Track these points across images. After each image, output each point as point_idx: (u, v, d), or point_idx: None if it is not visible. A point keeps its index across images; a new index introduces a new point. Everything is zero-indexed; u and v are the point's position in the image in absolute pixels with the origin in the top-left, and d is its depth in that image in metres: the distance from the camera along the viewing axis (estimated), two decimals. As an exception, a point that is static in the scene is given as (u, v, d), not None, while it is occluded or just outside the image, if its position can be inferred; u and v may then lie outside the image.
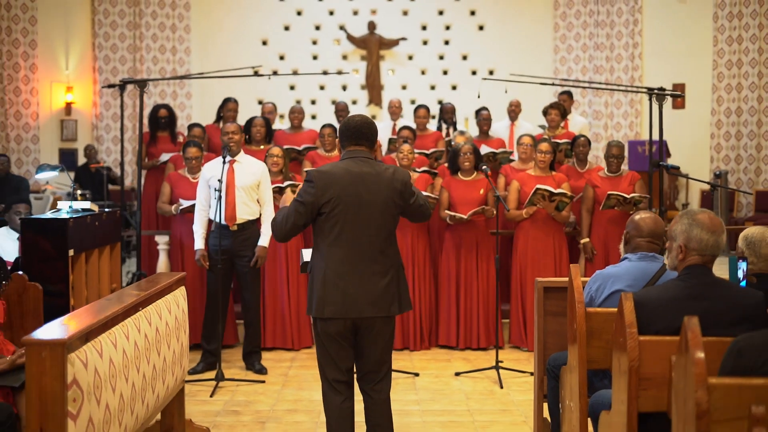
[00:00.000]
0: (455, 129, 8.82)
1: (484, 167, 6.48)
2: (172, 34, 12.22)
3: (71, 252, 5.68)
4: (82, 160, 11.45)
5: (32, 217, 6.03)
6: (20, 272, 4.96)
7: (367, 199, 3.90)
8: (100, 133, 12.01)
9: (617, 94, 12.03)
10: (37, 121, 11.71)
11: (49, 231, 5.63)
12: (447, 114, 9.03)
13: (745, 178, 11.66)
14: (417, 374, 6.21)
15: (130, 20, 12.06)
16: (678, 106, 11.74)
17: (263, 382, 6.02)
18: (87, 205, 6.40)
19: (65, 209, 6.15)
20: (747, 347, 2.49)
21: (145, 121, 8.00)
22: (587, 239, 7.00)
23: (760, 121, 11.54)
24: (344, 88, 12.60)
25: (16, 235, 6.58)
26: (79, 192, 7.19)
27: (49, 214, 6.11)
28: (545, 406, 4.45)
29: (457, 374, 6.20)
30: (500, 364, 6.10)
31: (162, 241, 7.44)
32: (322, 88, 12.69)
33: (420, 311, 7.00)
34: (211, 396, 5.67)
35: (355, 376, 4.11)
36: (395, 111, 9.02)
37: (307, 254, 4.24)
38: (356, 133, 4.00)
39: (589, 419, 3.69)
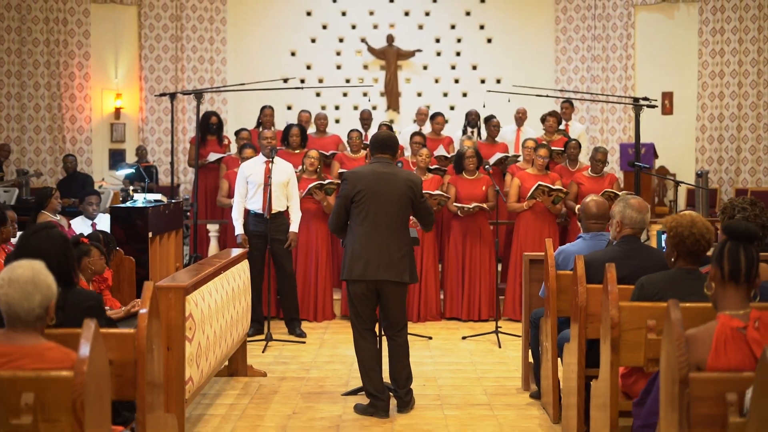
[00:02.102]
0: (479, 131, 10.03)
1: (486, 166, 7.80)
2: (210, 46, 13.41)
3: (150, 234, 7.00)
4: (130, 159, 12.71)
5: (120, 206, 7.30)
6: (117, 248, 6.25)
7: (386, 192, 5.22)
8: (146, 135, 13.24)
9: (611, 102, 13.19)
10: (89, 124, 12.91)
11: (134, 217, 6.95)
12: (472, 119, 10.12)
13: (726, 178, 12.69)
14: (430, 338, 7.49)
15: (173, 33, 13.27)
16: (667, 112, 12.85)
17: (304, 342, 7.31)
18: (158, 196, 7.71)
19: (141, 200, 7.45)
20: (647, 283, 3.75)
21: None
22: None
23: (739, 126, 12.56)
24: (365, 95, 13.68)
25: (89, 222, 7.78)
26: (131, 187, 8.51)
27: (129, 204, 7.42)
28: (530, 351, 5.72)
29: (464, 338, 7.47)
30: (499, 329, 7.38)
31: (213, 228, 8.75)
32: (345, 95, 13.61)
33: (428, 289, 8.21)
34: (263, 352, 6.94)
35: (380, 327, 5.41)
36: (422, 119, 10.24)
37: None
38: (382, 144, 5.39)
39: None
